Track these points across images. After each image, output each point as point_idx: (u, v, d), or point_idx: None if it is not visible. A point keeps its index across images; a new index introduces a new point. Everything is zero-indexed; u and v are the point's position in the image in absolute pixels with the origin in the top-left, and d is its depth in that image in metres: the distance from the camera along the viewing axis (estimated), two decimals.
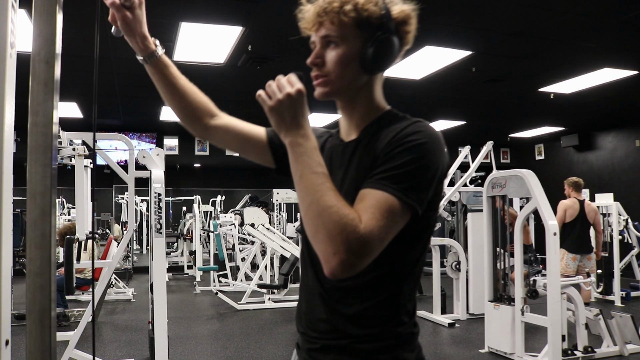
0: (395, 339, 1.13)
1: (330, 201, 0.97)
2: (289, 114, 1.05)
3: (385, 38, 1.12)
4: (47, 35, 1.12)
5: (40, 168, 1.09)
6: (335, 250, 0.94)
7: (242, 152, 1.39)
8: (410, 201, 1.01)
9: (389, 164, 1.04)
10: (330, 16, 1.12)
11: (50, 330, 1.08)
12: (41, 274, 1.09)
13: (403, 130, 1.08)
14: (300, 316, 1.27)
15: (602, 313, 4.73)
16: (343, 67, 1.14)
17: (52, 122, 1.11)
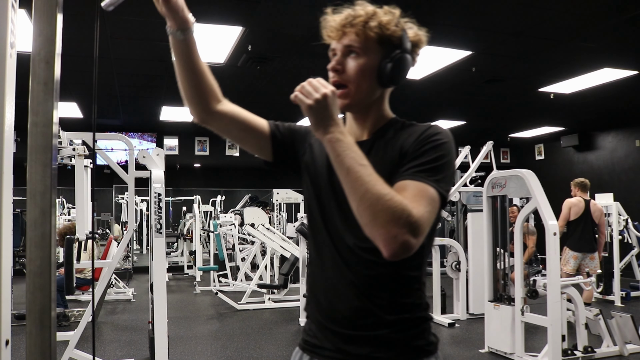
0: (423, 323, 1.23)
1: (384, 189, 1.05)
2: (326, 113, 1.11)
3: (403, 57, 1.24)
4: (47, 35, 1.12)
5: (40, 168, 1.09)
6: (397, 233, 1.02)
7: (241, 141, 1.39)
8: (442, 191, 1.12)
9: (420, 159, 1.15)
10: (355, 28, 1.22)
11: (50, 330, 1.09)
12: (41, 274, 1.09)
13: (427, 131, 1.20)
14: (316, 312, 1.27)
15: (602, 313, 4.73)
16: (362, 77, 1.24)
17: (52, 122, 1.11)
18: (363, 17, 1.22)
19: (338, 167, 1.09)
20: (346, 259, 1.22)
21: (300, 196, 9.51)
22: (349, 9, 1.25)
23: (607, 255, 7.44)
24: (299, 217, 6.75)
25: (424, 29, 1.31)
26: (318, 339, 1.26)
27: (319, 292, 1.28)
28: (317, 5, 4.43)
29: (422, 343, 1.21)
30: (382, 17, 1.23)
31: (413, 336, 1.20)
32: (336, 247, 1.23)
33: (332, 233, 1.25)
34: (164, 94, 7.54)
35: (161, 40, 5.13)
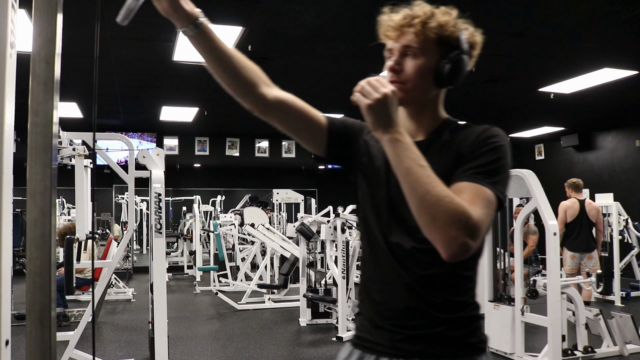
0: (476, 321, 1.24)
1: (444, 191, 1.06)
2: (386, 113, 1.11)
3: (461, 58, 1.24)
4: (47, 35, 1.12)
5: (40, 168, 1.09)
6: (456, 235, 1.04)
7: (298, 131, 1.33)
8: (498, 193, 1.14)
9: (477, 161, 1.16)
10: (414, 28, 1.22)
11: (50, 330, 1.09)
12: (41, 274, 1.09)
13: (484, 133, 1.21)
14: (370, 310, 1.28)
15: (602, 313, 4.73)
16: (420, 77, 1.24)
17: (52, 122, 1.11)
18: (422, 17, 1.22)
19: (397, 167, 1.10)
20: (401, 260, 1.22)
21: (301, 196, 9.52)
22: (406, 9, 1.25)
23: (607, 255, 7.43)
24: (299, 217, 6.75)
25: (480, 30, 1.31)
26: (372, 335, 1.27)
27: (373, 290, 1.28)
28: (316, 5, 4.43)
29: (475, 340, 1.22)
30: (441, 17, 1.23)
31: (467, 334, 1.21)
32: (390, 247, 1.24)
33: (386, 233, 1.25)
34: (164, 94, 7.54)
35: (161, 40, 5.13)
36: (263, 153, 11.21)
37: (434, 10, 1.24)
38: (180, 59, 5.67)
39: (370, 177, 1.31)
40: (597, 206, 6.56)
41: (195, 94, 7.53)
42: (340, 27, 4.81)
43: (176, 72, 6.24)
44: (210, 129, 10.53)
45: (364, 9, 4.39)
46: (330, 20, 4.60)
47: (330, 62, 5.86)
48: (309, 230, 6.24)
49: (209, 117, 8.98)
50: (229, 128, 10.64)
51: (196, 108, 8.44)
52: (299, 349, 5.22)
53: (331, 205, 6.69)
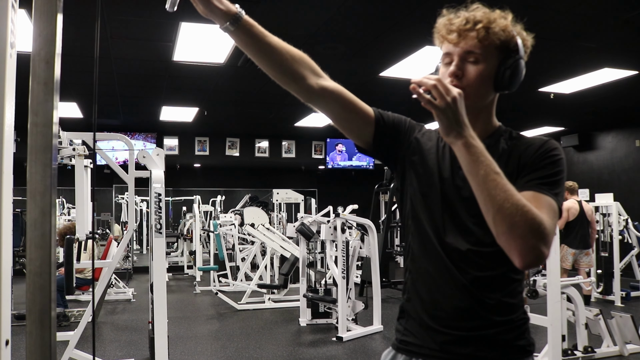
0: (525, 323, 1.26)
1: (521, 200, 1.07)
2: (457, 117, 1.10)
3: (520, 63, 1.25)
4: (47, 35, 1.12)
5: (40, 168, 1.09)
6: (534, 245, 1.06)
7: (344, 121, 1.32)
8: (560, 205, 1.17)
9: (541, 172, 1.19)
10: (478, 33, 1.20)
11: (50, 330, 1.08)
12: (41, 274, 1.09)
13: (545, 145, 1.24)
14: (420, 311, 1.27)
15: (602, 313, 4.73)
16: (481, 83, 1.23)
17: (52, 122, 1.11)
18: (485, 22, 1.20)
19: (472, 173, 1.10)
20: (455, 261, 1.22)
21: (301, 196, 9.52)
22: (465, 12, 1.23)
23: (607, 255, 7.45)
24: (299, 217, 6.75)
25: (531, 35, 1.32)
26: (419, 338, 1.26)
27: (423, 290, 1.27)
28: (316, 5, 4.45)
29: (524, 343, 1.23)
30: (502, 22, 1.22)
31: (516, 336, 1.22)
32: (445, 248, 1.23)
33: (441, 233, 1.25)
34: (164, 94, 7.54)
35: (161, 40, 5.13)
36: (263, 153, 11.21)
37: (494, 13, 1.23)
38: (180, 59, 5.67)
39: (422, 175, 1.31)
40: (591, 207, 7.01)
41: (195, 94, 7.53)
42: (340, 27, 4.81)
43: (176, 72, 6.24)
44: (210, 129, 10.53)
45: (364, 9, 4.39)
46: (330, 20, 4.60)
47: (330, 62, 5.86)
48: (309, 230, 6.24)
49: (209, 117, 8.98)
50: (229, 128, 10.64)
51: (196, 108, 8.44)
52: (299, 349, 5.22)
53: (331, 205, 6.69)
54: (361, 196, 10.08)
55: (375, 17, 4.59)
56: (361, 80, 6.46)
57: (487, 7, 1.24)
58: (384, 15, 4.52)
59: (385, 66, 5.99)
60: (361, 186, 12.26)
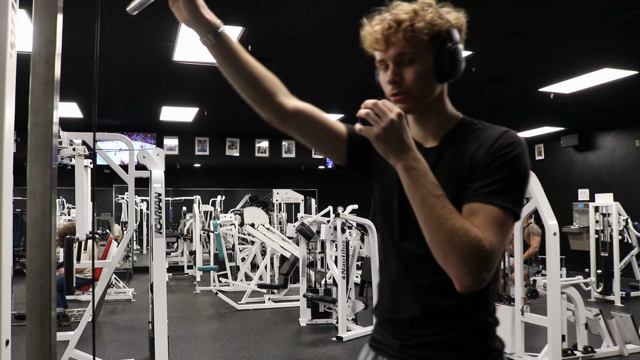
0: (488, 328, 1.21)
1: (457, 224, 1.03)
2: (396, 139, 1.07)
3: (457, 48, 1.20)
4: (47, 36, 1.12)
5: (40, 168, 1.09)
6: (469, 270, 1.02)
7: (318, 140, 1.31)
8: (516, 209, 1.10)
9: (492, 177, 1.11)
10: (403, 34, 1.16)
11: (50, 330, 1.09)
12: (41, 274, 1.09)
13: (497, 141, 1.15)
14: (384, 314, 1.28)
15: (602, 313, 4.73)
16: (423, 82, 1.19)
17: (52, 122, 1.11)
18: (407, 20, 1.15)
19: (411, 196, 1.08)
20: (413, 267, 1.21)
21: (301, 196, 9.53)
22: (386, 14, 1.19)
23: (607, 255, 7.45)
24: (299, 217, 6.75)
25: (462, 9, 1.25)
26: (384, 338, 1.28)
27: (386, 297, 1.29)
28: (316, 5, 4.45)
29: (485, 348, 1.19)
30: (426, 14, 1.17)
31: (477, 341, 1.19)
32: (401, 254, 1.23)
33: (398, 240, 1.24)
34: (164, 94, 7.54)
35: (161, 41, 5.13)
36: (263, 153, 11.21)
37: (414, 7, 1.17)
38: (180, 59, 5.67)
39: (385, 183, 1.30)
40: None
41: (195, 94, 7.53)
42: (340, 27, 4.81)
43: (176, 72, 6.24)
44: (210, 129, 10.53)
45: (364, 9, 4.38)
46: (330, 20, 4.60)
47: (330, 62, 5.85)
48: (309, 230, 6.24)
49: (209, 117, 8.98)
50: (229, 128, 10.64)
51: (196, 108, 8.44)
52: (299, 349, 5.22)
53: (331, 205, 6.69)
54: (361, 196, 10.08)
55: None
56: (361, 80, 6.46)
57: (406, 1, 1.20)
58: None
59: None
60: (361, 186, 12.26)
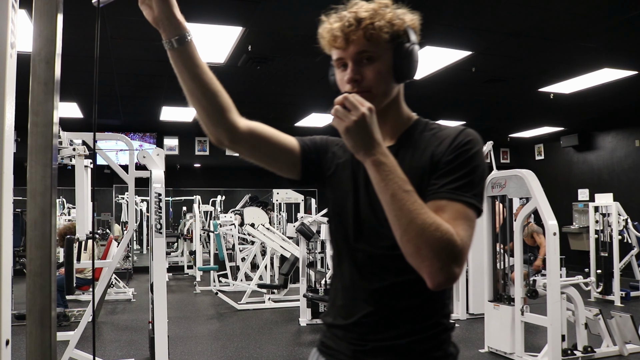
0: (444, 333, 1.19)
1: (429, 219, 1.01)
2: (366, 134, 1.05)
3: (413, 49, 1.20)
4: (48, 36, 1.12)
5: (40, 168, 1.09)
6: (442, 265, 1.00)
7: (271, 160, 1.30)
8: (480, 206, 1.11)
9: (455, 173, 1.11)
10: (363, 32, 1.15)
11: (50, 330, 1.09)
12: (41, 274, 1.09)
13: (458, 138, 1.15)
14: (337, 318, 1.26)
15: (601, 313, 4.73)
16: (382, 81, 1.19)
17: (52, 122, 1.11)
18: (368, 18, 1.15)
19: (381, 192, 1.05)
20: (365, 270, 1.20)
21: (301, 196, 9.52)
22: (345, 12, 1.18)
23: (607, 255, 7.45)
24: (299, 217, 6.75)
25: (415, 12, 1.24)
26: (336, 344, 1.25)
27: (338, 303, 1.26)
28: (317, 5, 4.43)
29: (439, 354, 1.18)
30: (385, 13, 1.17)
31: (433, 347, 1.17)
32: (355, 258, 1.21)
33: (351, 243, 1.23)
34: (164, 94, 7.54)
35: (161, 41, 5.12)
36: None
37: (374, 6, 1.17)
38: None
39: (337, 189, 1.28)
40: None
41: None
42: None
43: None
44: None
45: None
46: None
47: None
48: (309, 230, 6.24)
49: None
50: None
51: None
52: (299, 348, 5.22)
53: None
54: None
55: None
56: None
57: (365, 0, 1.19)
58: None
59: None
60: None
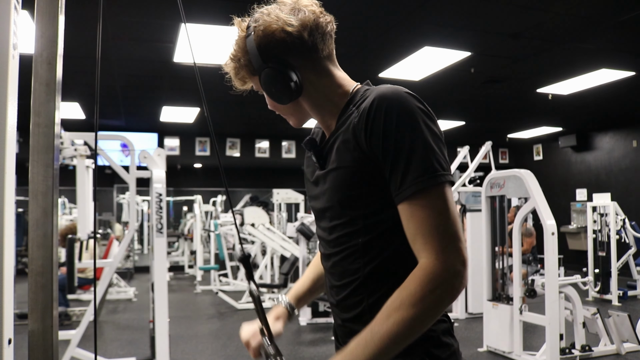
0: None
1: (397, 324, 0.92)
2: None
3: (266, 74, 1.12)
4: (49, 37, 1.14)
5: (42, 168, 1.11)
6: (444, 297, 0.93)
7: None
8: (443, 178, 0.96)
9: (390, 163, 0.98)
10: (240, 76, 1.20)
11: (52, 329, 1.10)
12: (43, 274, 1.10)
13: (371, 117, 1.00)
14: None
15: (599, 312, 4.74)
16: (282, 109, 1.20)
17: (54, 122, 1.12)
18: (234, 63, 1.18)
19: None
20: (328, 253, 1.19)
21: (301, 196, 9.54)
22: (229, 55, 1.21)
23: (605, 255, 7.46)
24: (299, 217, 6.76)
25: (267, 14, 1.14)
26: (335, 324, 1.28)
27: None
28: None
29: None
30: (240, 48, 1.17)
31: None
32: (323, 244, 1.22)
33: (320, 247, 1.26)
34: (165, 95, 7.55)
35: (162, 42, 5.15)
36: (263, 153, 11.21)
37: (235, 44, 1.18)
38: (180, 60, 5.68)
39: (308, 192, 1.30)
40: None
41: (196, 94, 7.54)
42: (339, 28, 4.81)
43: (177, 73, 6.26)
44: None
45: (364, 10, 4.41)
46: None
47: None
48: (309, 230, 6.26)
49: (210, 118, 8.96)
50: (229, 128, 10.65)
51: (197, 109, 8.44)
52: (299, 348, 5.23)
53: None
54: None
55: (375, 18, 4.61)
56: (361, 81, 6.47)
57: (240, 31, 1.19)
58: (383, 15, 4.53)
59: (384, 67, 6.01)
60: None
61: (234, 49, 1.17)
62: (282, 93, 1.12)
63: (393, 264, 1.05)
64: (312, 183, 1.22)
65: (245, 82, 1.19)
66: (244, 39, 1.15)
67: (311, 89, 1.15)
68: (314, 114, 1.20)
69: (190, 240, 11.26)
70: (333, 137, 1.13)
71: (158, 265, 4.12)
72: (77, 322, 5.20)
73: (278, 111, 1.21)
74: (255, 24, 1.12)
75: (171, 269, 11.17)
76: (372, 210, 1.05)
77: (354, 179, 1.05)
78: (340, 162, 1.08)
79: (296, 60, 1.12)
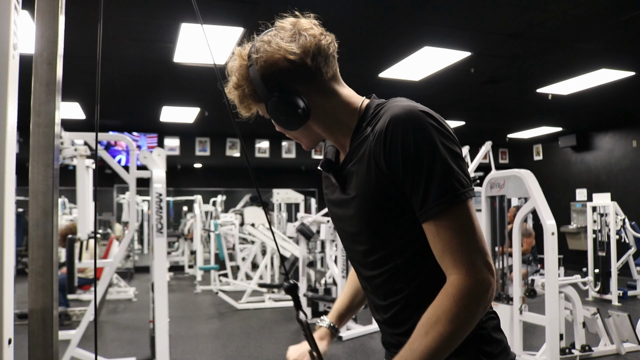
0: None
1: (436, 340, 0.96)
2: None
3: (272, 103, 1.12)
4: (50, 37, 1.13)
5: (42, 168, 1.11)
6: (479, 306, 0.98)
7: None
8: (462, 196, 0.99)
9: (413, 186, 1.00)
10: (241, 101, 1.16)
11: (52, 329, 1.09)
12: (43, 274, 1.09)
13: (386, 139, 1.02)
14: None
15: (599, 312, 4.75)
16: (293, 132, 1.19)
17: (54, 122, 1.12)
18: (236, 90, 1.15)
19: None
20: (367, 275, 1.22)
21: (301, 196, 9.55)
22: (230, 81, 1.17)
23: (605, 255, 7.46)
24: (299, 217, 6.77)
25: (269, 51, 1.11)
26: (383, 336, 1.32)
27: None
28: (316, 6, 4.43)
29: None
30: (234, 74, 1.14)
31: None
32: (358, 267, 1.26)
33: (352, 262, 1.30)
34: (165, 95, 7.55)
35: (162, 42, 5.15)
36: (263, 153, 11.22)
37: (235, 65, 1.14)
38: (180, 60, 5.68)
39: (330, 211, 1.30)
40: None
41: (196, 95, 7.55)
42: (340, 28, 4.82)
43: (177, 73, 6.26)
44: (211, 129, 10.54)
45: (364, 10, 4.41)
46: (330, 21, 4.61)
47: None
48: (309, 230, 6.26)
49: (210, 118, 8.99)
50: (229, 128, 10.65)
51: (197, 109, 8.45)
52: None
53: None
54: None
55: (375, 18, 4.61)
56: (361, 81, 6.48)
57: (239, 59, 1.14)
58: (383, 16, 4.54)
59: (384, 67, 6.01)
60: None
61: (236, 77, 1.14)
62: (290, 120, 1.13)
63: (435, 278, 1.06)
64: (335, 205, 1.23)
65: (250, 109, 1.18)
66: (246, 68, 1.13)
67: (319, 111, 1.15)
68: (326, 135, 1.20)
69: (190, 240, 11.26)
70: (351, 160, 1.14)
71: (158, 265, 4.12)
72: (77, 322, 5.21)
73: (288, 135, 1.21)
74: (257, 55, 1.10)
75: (171, 269, 11.17)
76: (403, 230, 1.08)
77: (380, 203, 1.07)
78: (364, 188, 1.09)
79: (301, 86, 1.12)
